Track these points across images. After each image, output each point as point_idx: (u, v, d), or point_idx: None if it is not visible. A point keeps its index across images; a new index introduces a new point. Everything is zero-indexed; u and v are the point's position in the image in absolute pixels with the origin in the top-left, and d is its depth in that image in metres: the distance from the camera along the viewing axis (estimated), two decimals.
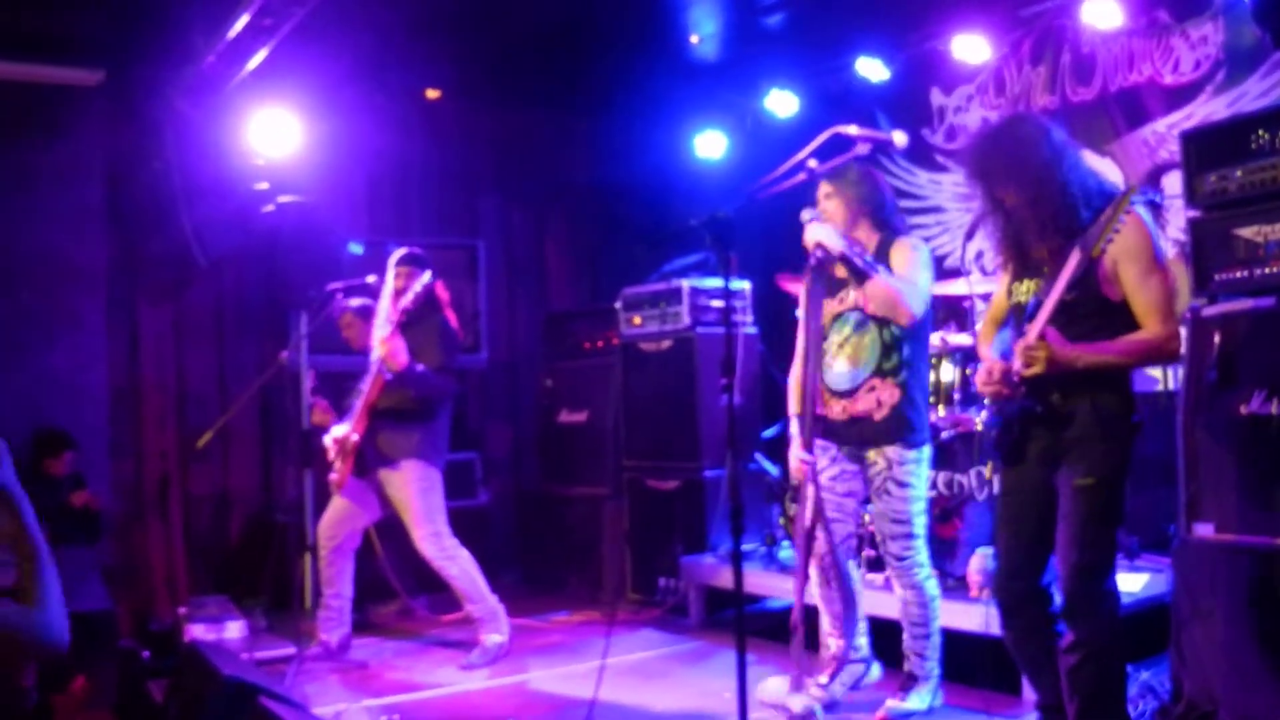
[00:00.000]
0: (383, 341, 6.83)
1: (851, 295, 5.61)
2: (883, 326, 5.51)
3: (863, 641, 6.08)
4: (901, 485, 5.54)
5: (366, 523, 7.39)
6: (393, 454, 7.12)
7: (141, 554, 8.88)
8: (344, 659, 7.22)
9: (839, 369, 5.64)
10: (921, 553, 5.62)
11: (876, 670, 6.17)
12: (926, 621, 5.65)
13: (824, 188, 5.58)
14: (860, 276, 5.40)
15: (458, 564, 7.08)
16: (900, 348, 5.51)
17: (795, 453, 5.67)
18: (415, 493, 7.06)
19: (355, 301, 7.68)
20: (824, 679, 5.85)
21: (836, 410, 5.66)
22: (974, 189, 4.62)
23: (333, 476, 7.26)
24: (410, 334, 6.95)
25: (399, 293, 7.03)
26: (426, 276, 7.00)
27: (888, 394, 5.51)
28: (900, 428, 5.51)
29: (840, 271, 5.57)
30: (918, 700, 5.64)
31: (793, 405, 5.86)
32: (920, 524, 5.61)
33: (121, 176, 8.76)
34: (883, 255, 5.57)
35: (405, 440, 7.13)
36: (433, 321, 7.14)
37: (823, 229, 5.41)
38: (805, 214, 5.52)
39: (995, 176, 4.47)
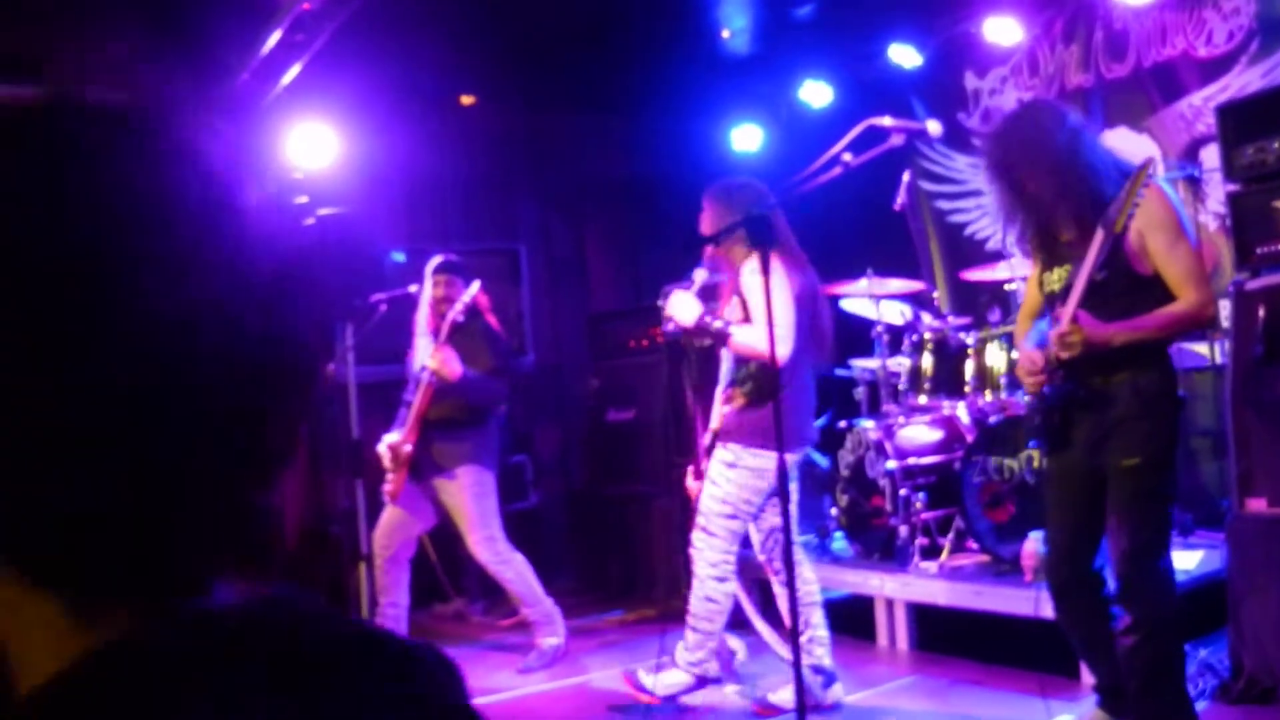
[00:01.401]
0: (434, 354, 6.83)
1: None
2: None
3: (820, 651, 5.89)
4: (712, 481, 5.72)
5: (421, 531, 7.40)
6: (447, 462, 7.12)
7: None
8: None
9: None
10: (711, 551, 5.72)
11: (839, 689, 5.97)
12: (696, 617, 5.77)
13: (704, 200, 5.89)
14: (719, 340, 5.68)
15: (512, 568, 7.10)
16: (748, 361, 5.67)
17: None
18: (470, 498, 7.07)
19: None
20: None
21: None
22: (995, 179, 4.61)
23: (387, 487, 7.26)
24: (456, 342, 6.96)
25: (439, 301, 7.09)
26: (475, 287, 7.04)
27: (735, 401, 5.72)
28: (734, 430, 5.68)
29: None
30: (658, 682, 5.80)
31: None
32: (719, 524, 5.70)
33: None
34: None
35: (459, 447, 7.14)
36: (475, 327, 7.15)
37: (679, 301, 5.66)
38: (697, 274, 5.84)
39: (1016, 165, 4.46)
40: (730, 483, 5.65)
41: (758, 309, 5.42)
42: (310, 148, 8.52)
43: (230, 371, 0.95)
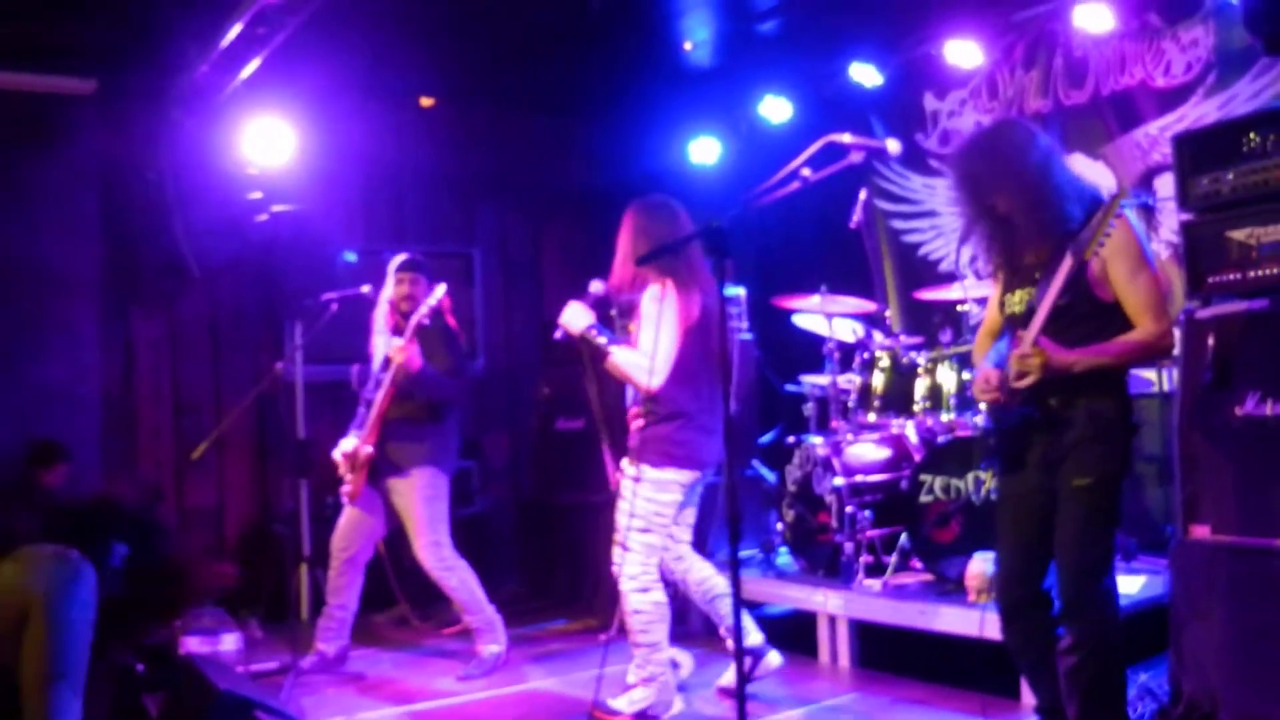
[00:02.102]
0: (400, 349, 6.80)
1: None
2: None
3: (756, 638, 6.16)
4: (623, 497, 5.82)
5: (380, 534, 7.35)
6: (403, 462, 7.08)
7: None
8: (341, 670, 7.18)
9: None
10: (629, 565, 5.78)
11: (775, 657, 6.22)
12: (638, 630, 5.82)
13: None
14: (598, 356, 5.84)
15: (456, 575, 7.06)
16: None
17: None
18: (421, 500, 7.04)
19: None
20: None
21: None
22: (962, 196, 4.62)
23: (345, 488, 7.20)
24: (418, 341, 6.94)
25: (402, 299, 7.10)
26: (440, 290, 7.02)
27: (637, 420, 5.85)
28: (639, 448, 5.81)
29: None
30: (625, 702, 5.84)
31: None
32: (633, 539, 5.76)
33: (115, 186, 8.74)
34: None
35: (417, 447, 7.10)
36: (436, 327, 7.12)
37: (572, 310, 5.88)
38: (594, 285, 6.11)
39: (986, 182, 4.47)
40: (638, 498, 5.74)
41: (644, 337, 5.71)
42: (267, 143, 8.49)
43: None
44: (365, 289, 7.81)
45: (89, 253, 8.65)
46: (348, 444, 7.15)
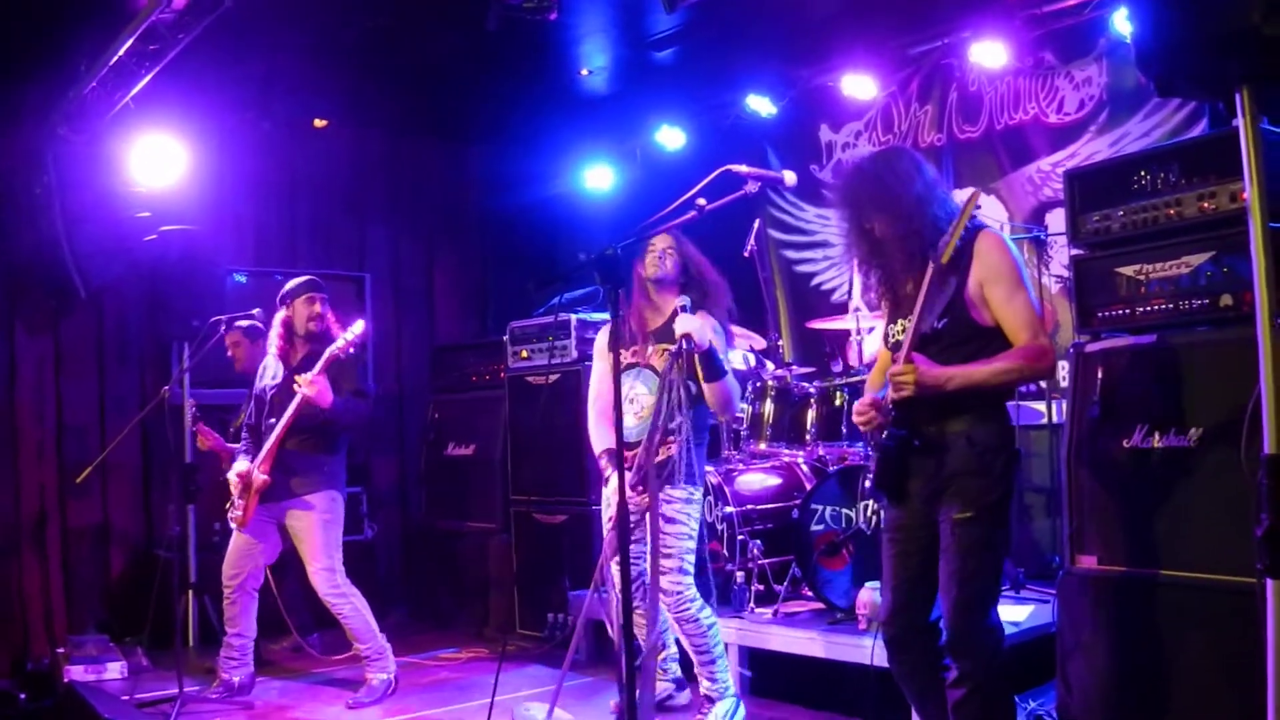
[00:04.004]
0: (310, 383, 6.71)
1: (648, 351, 6.02)
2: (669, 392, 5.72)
3: (673, 666, 6.32)
4: (674, 521, 5.78)
5: (269, 559, 7.26)
6: (301, 489, 7.01)
7: (17, 591, 8.65)
8: (237, 699, 7.07)
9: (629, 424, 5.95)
10: (689, 589, 5.85)
11: (685, 695, 6.42)
12: (709, 649, 5.88)
13: (665, 240, 5.94)
14: (714, 374, 5.68)
15: (349, 603, 7.00)
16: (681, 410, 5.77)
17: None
18: (319, 525, 6.98)
19: (243, 322, 7.71)
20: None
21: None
22: (842, 215, 4.65)
23: (235, 514, 7.09)
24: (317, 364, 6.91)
25: (314, 318, 7.10)
26: (360, 326, 7.00)
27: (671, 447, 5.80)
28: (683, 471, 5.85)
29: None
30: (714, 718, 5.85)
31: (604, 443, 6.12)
32: (690, 559, 5.87)
33: (0, 202, 8.58)
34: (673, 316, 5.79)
35: (315, 473, 7.05)
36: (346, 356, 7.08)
37: (695, 322, 5.57)
38: (680, 300, 5.76)
39: (867, 207, 4.49)
40: (691, 519, 5.82)
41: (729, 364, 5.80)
42: (156, 162, 8.36)
43: None
44: (256, 311, 7.73)
45: None
46: (241, 466, 7.05)
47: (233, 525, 7.15)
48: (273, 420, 6.96)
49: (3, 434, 8.69)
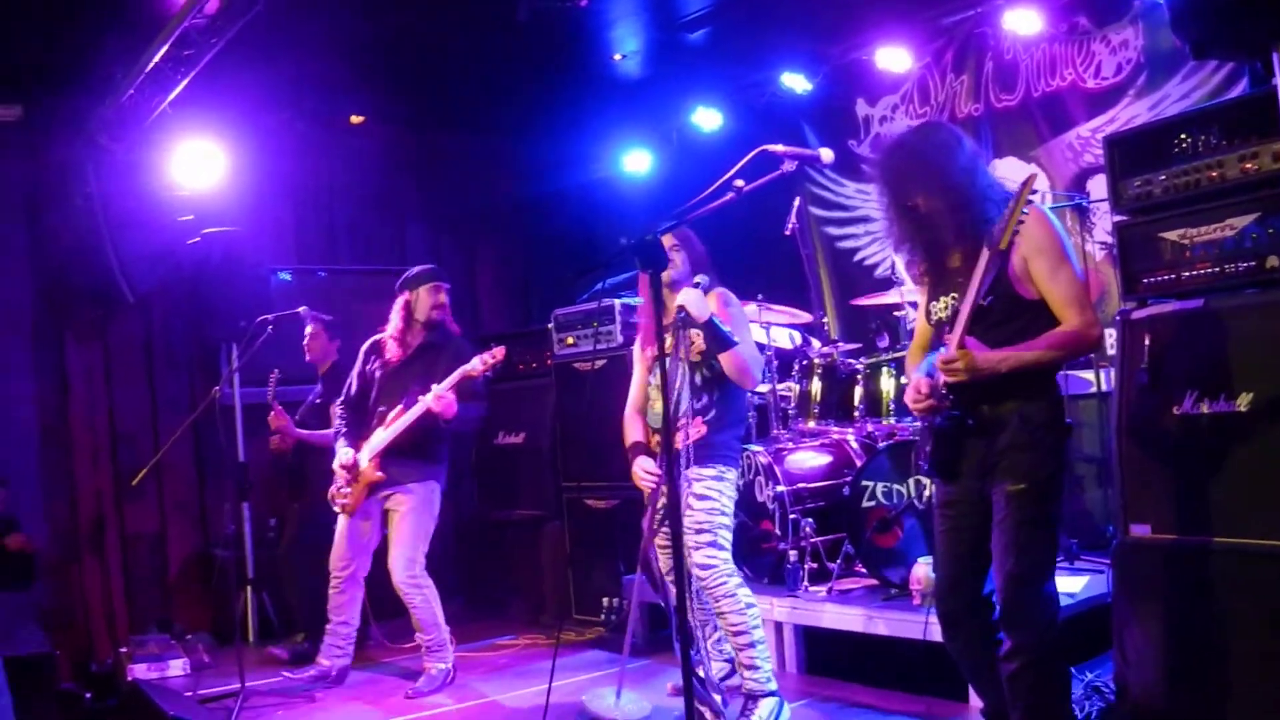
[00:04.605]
0: (439, 397, 6.87)
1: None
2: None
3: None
4: (704, 498, 5.72)
5: (375, 546, 7.38)
6: (405, 476, 7.16)
7: (79, 594, 8.77)
8: (318, 687, 7.16)
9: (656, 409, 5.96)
10: (726, 564, 5.71)
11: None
12: (748, 629, 5.67)
13: (668, 240, 5.80)
14: (722, 344, 5.62)
15: (422, 593, 7.09)
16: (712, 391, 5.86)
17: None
18: (415, 512, 7.12)
19: (327, 315, 8.14)
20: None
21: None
22: (884, 194, 4.62)
23: (343, 501, 7.23)
24: (430, 362, 7.15)
25: (436, 307, 7.33)
26: (500, 353, 7.03)
27: (695, 430, 5.78)
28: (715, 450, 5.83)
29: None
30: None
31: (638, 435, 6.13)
32: (725, 535, 5.74)
33: (43, 212, 8.67)
34: None
35: (421, 463, 7.20)
36: (451, 349, 7.24)
37: (692, 294, 5.56)
38: (698, 278, 5.73)
39: (909, 182, 4.46)
40: (723, 495, 5.74)
41: (745, 336, 5.76)
42: (197, 166, 8.44)
43: None
44: (302, 309, 7.81)
45: (19, 281, 8.60)
46: (345, 455, 7.18)
47: (337, 510, 7.29)
48: (382, 408, 7.19)
49: (58, 443, 8.79)
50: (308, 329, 8.20)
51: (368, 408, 7.32)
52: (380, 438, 7.11)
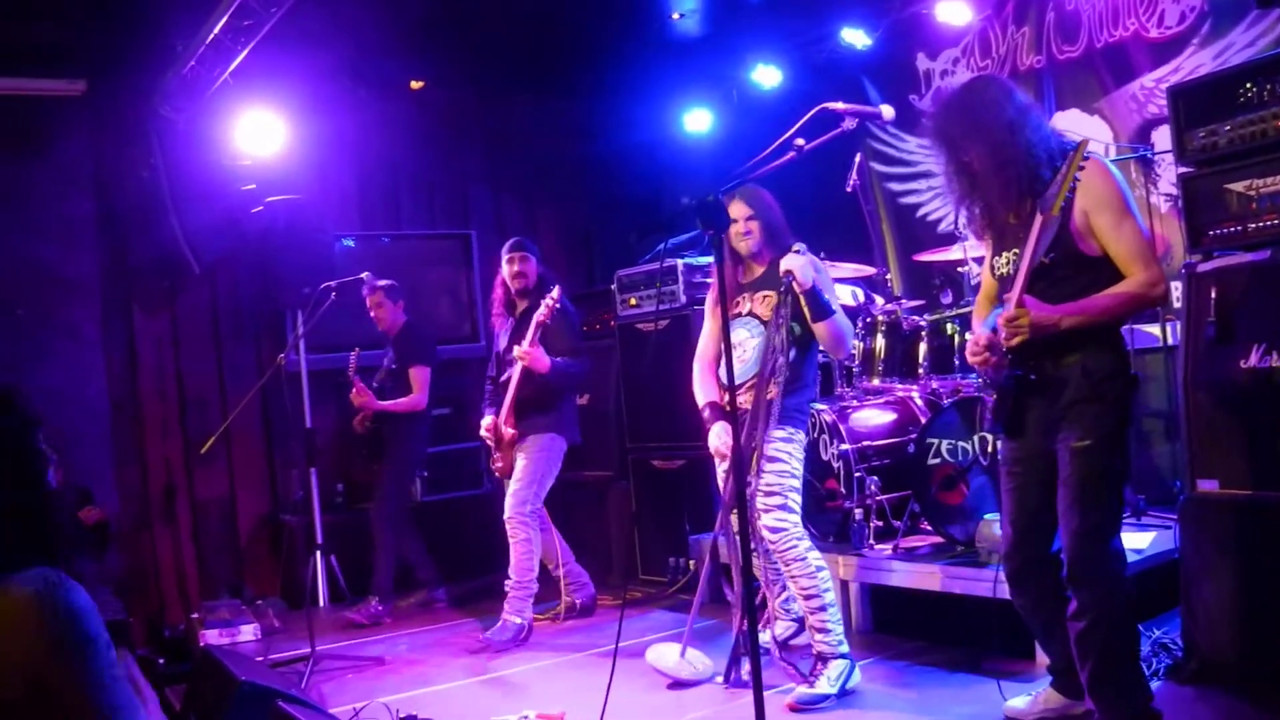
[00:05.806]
0: (524, 353, 7.23)
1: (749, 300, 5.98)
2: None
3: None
4: (776, 459, 5.71)
5: None
6: (531, 429, 7.52)
7: (151, 561, 8.90)
8: (360, 656, 7.23)
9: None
10: (797, 527, 5.72)
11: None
12: (819, 592, 5.67)
13: (740, 208, 5.85)
14: (821, 313, 5.64)
15: (527, 533, 7.36)
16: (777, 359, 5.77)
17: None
18: (537, 454, 7.49)
19: (383, 281, 8.23)
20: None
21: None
22: (937, 151, 4.59)
23: (497, 465, 7.69)
24: (526, 325, 7.37)
25: (514, 276, 7.64)
26: (556, 292, 7.31)
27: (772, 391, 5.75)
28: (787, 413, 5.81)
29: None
30: (826, 684, 5.59)
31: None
32: (795, 497, 5.75)
33: (109, 186, 8.76)
34: (775, 269, 5.78)
35: (543, 417, 7.55)
36: (554, 319, 7.41)
37: (799, 260, 5.60)
38: (797, 246, 5.72)
39: (960, 140, 4.43)
40: (793, 457, 5.76)
41: (836, 302, 5.77)
42: (259, 134, 8.51)
43: None
44: (365, 275, 7.86)
45: (87, 254, 8.68)
46: (486, 421, 7.67)
47: (497, 474, 7.75)
48: (504, 377, 7.57)
49: (128, 413, 8.91)
50: (369, 300, 8.30)
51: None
52: (507, 401, 7.45)
